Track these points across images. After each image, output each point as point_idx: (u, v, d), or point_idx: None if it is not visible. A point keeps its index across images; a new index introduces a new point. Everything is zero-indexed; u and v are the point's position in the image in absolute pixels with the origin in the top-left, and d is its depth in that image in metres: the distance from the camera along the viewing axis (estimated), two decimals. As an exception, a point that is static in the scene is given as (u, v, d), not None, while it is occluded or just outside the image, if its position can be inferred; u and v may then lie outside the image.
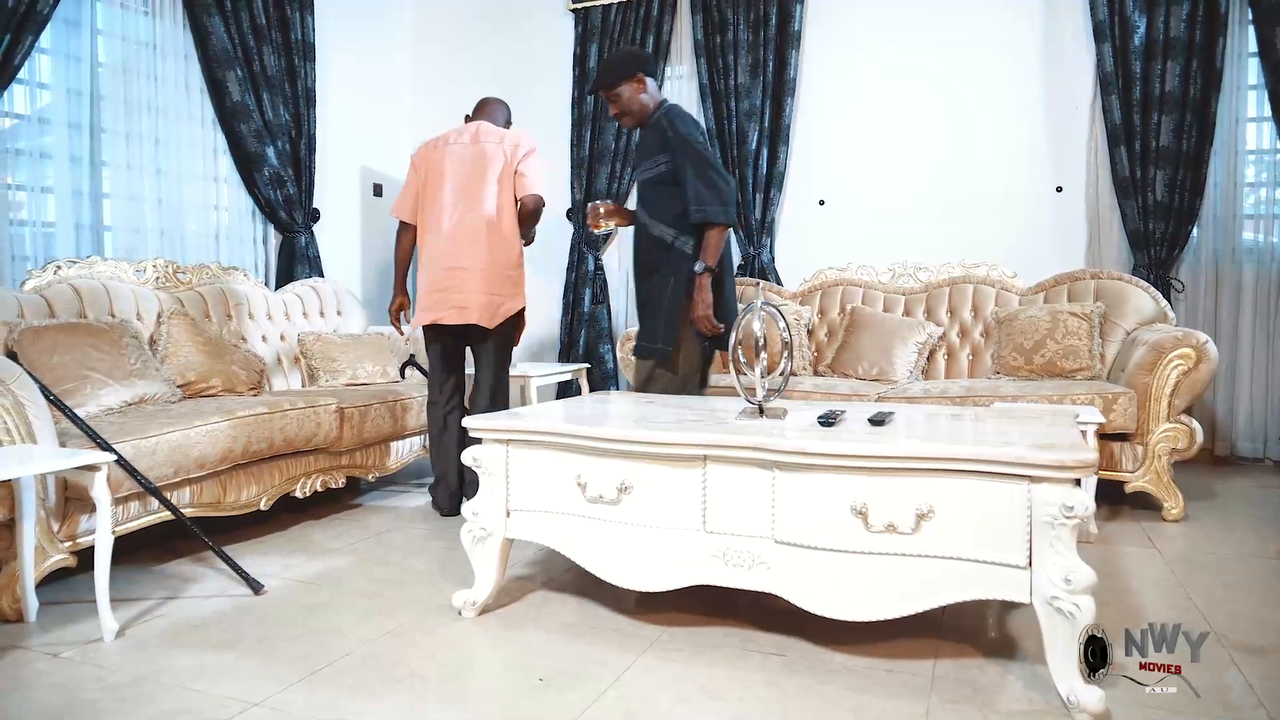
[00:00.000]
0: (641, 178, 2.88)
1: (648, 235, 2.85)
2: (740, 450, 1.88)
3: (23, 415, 2.19)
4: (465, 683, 1.83)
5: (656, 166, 2.80)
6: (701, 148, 2.76)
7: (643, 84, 2.87)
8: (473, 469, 2.17)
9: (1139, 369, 3.11)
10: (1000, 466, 1.68)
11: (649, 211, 2.84)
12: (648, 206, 2.85)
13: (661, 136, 2.79)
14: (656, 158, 2.80)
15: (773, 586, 1.89)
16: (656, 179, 2.81)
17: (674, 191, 2.76)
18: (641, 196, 2.89)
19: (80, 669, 1.88)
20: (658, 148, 2.80)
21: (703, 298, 2.74)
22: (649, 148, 2.85)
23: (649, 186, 2.84)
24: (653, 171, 2.82)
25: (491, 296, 3.07)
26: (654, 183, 2.82)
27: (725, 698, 1.72)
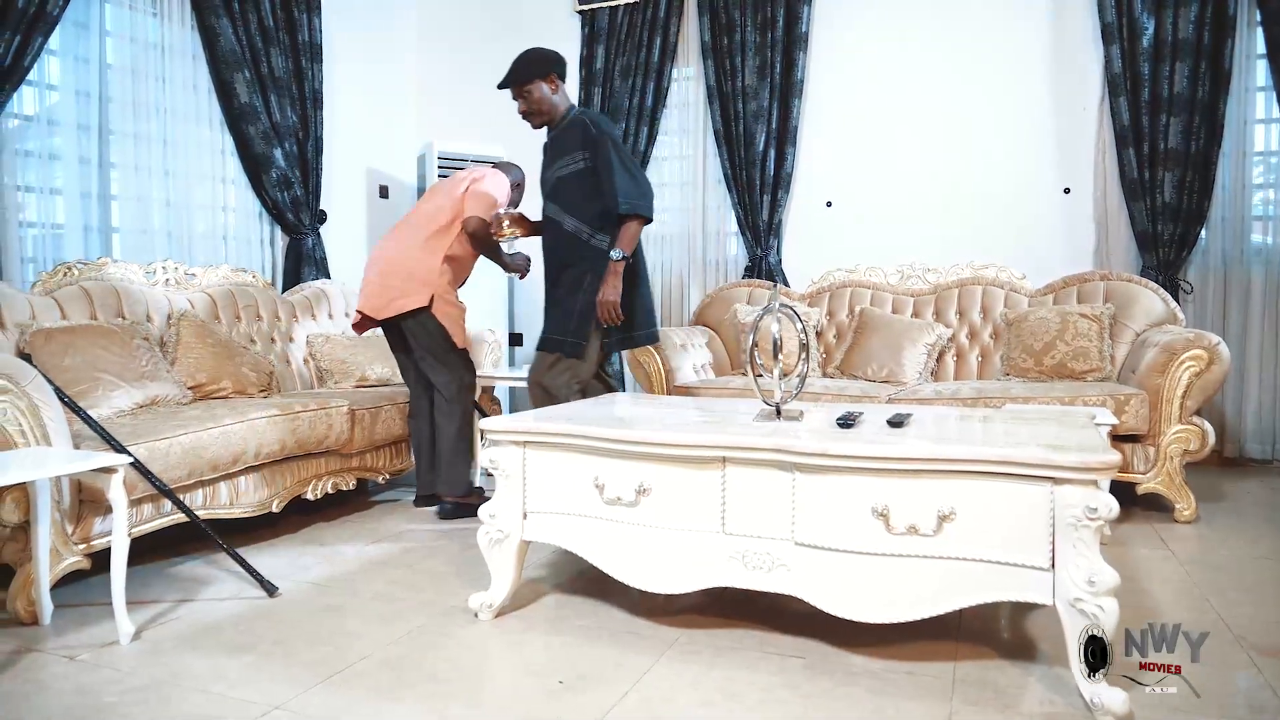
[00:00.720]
0: (558, 174, 2.91)
1: (561, 231, 2.90)
2: (761, 452, 1.88)
3: (38, 417, 2.18)
4: (485, 686, 1.82)
5: (575, 163, 2.86)
6: (623, 146, 2.86)
7: (555, 85, 2.93)
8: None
9: (1151, 370, 3.11)
10: (1023, 468, 1.68)
11: (564, 208, 2.89)
12: (562, 203, 2.90)
13: (581, 134, 2.84)
14: (575, 155, 2.85)
15: (793, 589, 1.89)
16: (573, 175, 2.86)
17: (591, 188, 2.83)
18: (555, 193, 2.92)
19: (98, 672, 1.88)
20: (577, 145, 2.85)
21: (614, 284, 2.80)
22: (566, 145, 2.89)
23: (565, 183, 2.88)
24: (570, 168, 2.87)
25: (385, 289, 3.16)
26: (571, 179, 2.87)
27: (746, 700, 1.72)
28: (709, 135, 4.82)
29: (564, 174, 2.89)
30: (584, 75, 5.01)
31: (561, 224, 2.90)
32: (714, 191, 4.86)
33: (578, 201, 2.86)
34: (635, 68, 4.85)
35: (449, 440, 3.18)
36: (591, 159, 2.82)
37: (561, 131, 2.94)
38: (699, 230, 4.91)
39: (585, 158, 2.83)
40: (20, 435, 2.15)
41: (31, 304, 2.85)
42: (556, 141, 2.95)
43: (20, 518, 2.14)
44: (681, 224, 4.97)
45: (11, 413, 2.13)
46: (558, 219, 2.91)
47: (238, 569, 2.47)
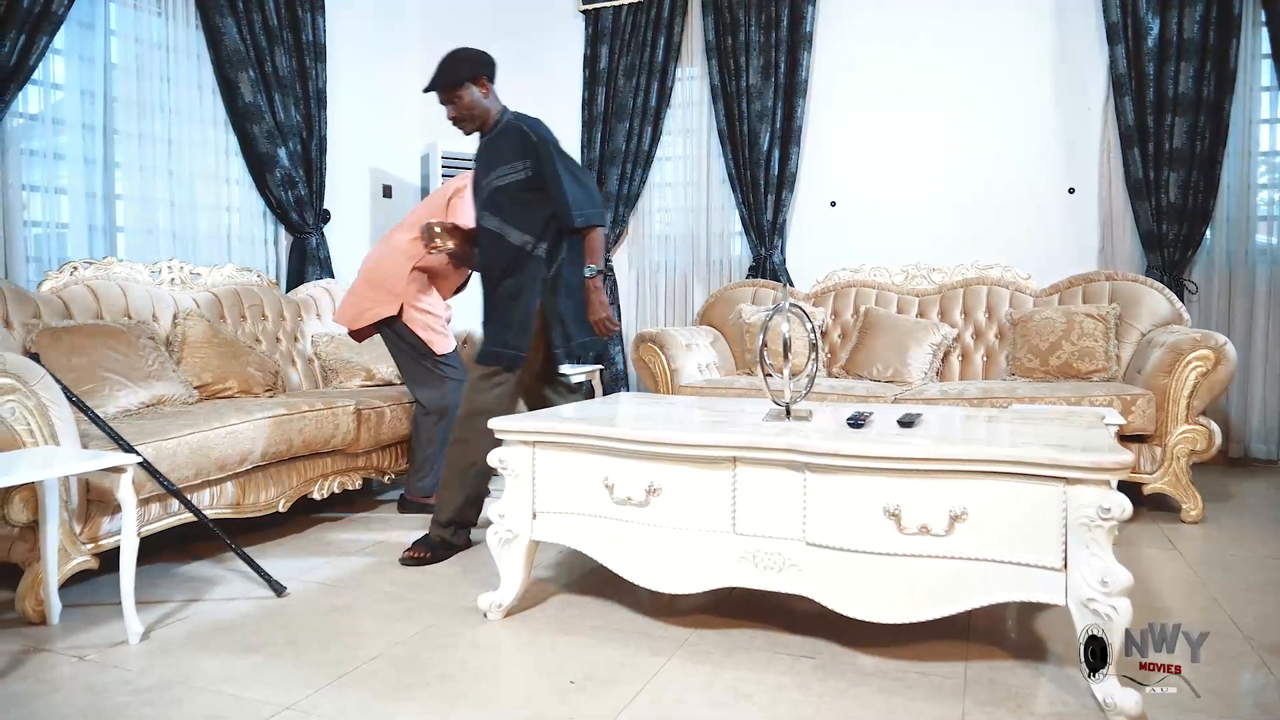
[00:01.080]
0: (495, 184, 2.71)
1: (504, 244, 2.71)
2: (773, 452, 1.87)
3: (45, 417, 2.18)
4: (496, 686, 1.82)
5: (515, 172, 2.68)
6: (565, 152, 2.72)
7: (486, 88, 2.74)
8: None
9: (1157, 370, 3.10)
10: (1036, 468, 1.68)
11: (504, 218, 2.71)
12: (502, 213, 2.71)
13: (521, 141, 2.68)
14: (515, 164, 2.68)
15: (804, 589, 1.88)
16: (514, 185, 2.68)
17: (533, 198, 2.67)
18: (493, 204, 2.72)
19: (108, 672, 1.87)
20: (516, 154, 2.68)
21: (600, 300, 2.72)
22: (504, 154, 2.71)
23: (505, 193, 2.69)
24: (510, 178, 2.68)
25: (356, 300, 3.23)
26: (511, 189, 2.68)
27: (758, 701, 1.72)
28: (713, 135, 4.82)
29: (503, 183, 2.69)
30: (588, 75, 5.01)
31: (504, 236, 2.71)
32: (718, 191, 4.86)
33: (518, 212, 2.69)
34: (639, 67, 4.85)
35: (429, 447, 3.20)
36: (534, 168, 2.65)
37: (496, 137, 2.75)
38: (703, 230, 4.91)
39: (526, 166, 2.66)
40: (29, 435, 2.14)
41: (38, 303, 2.84)
42: (492, 148, 2.75)
43: (29, 517, 2.13)
44: (685, 224, 4.97)
45: (20, 412, 2.13)
46: (499, 231, 2.71)
47: (245, 569, 2.47)
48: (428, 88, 2.75)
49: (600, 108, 4.96)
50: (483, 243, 2.78)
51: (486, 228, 2.75)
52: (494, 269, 2.75)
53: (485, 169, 2.75)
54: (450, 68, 2.71)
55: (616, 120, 4.91)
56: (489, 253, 2.76)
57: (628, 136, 4.88)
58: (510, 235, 2.71)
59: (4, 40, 3.17)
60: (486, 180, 2.74)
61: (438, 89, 2.73)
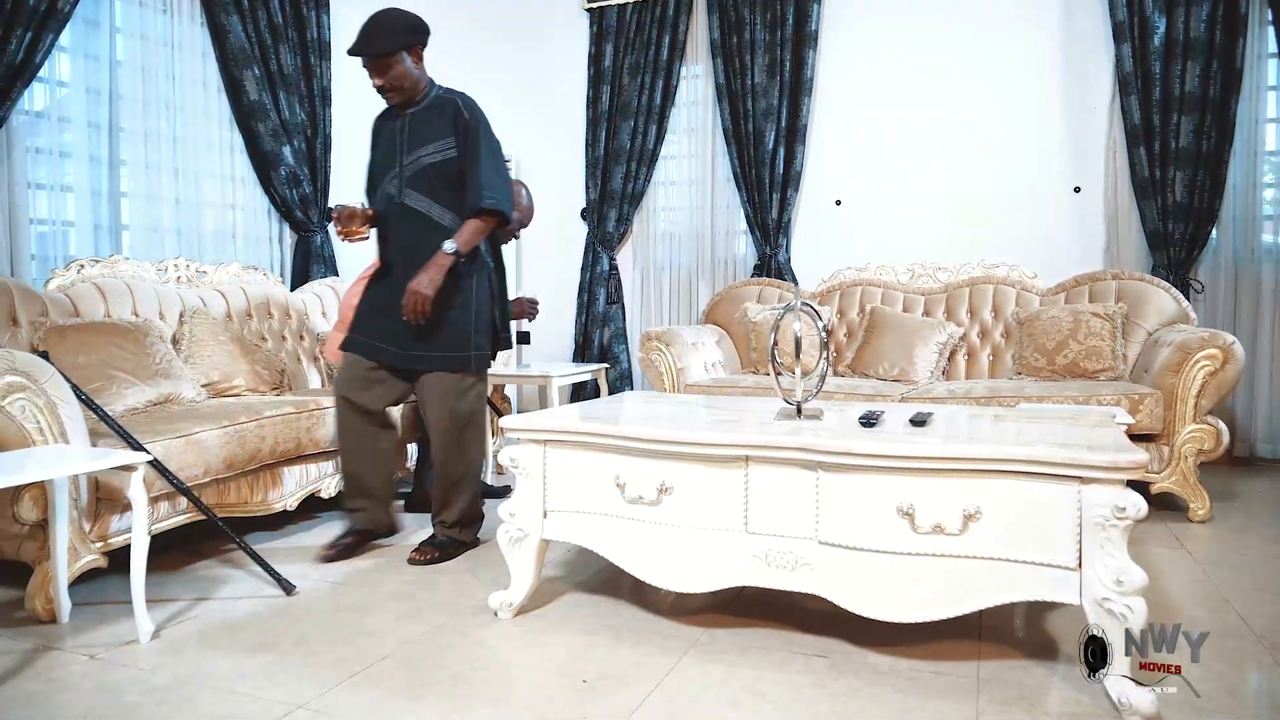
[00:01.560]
0: (426, 161, 2.55)
1: (429, 224, 2.56)
2: (786, 451, 1.87)
3: (55, 415, 2.17)
4: (510, 686, 1.82)
5: (448, 149, 2.55)
6: (496, 140, 2.60)
7: (420, 58, 2.58)
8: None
9: (1165, 370, 3.10)
10: (1051, 468, 1.68)
11: (433, 198, 2.56)
12: (431, 193, 2.56)
13: (453, 118, 2.55)
14: (446, 140, 2.54)
15: (817, 588, 1.88)
16: (447, 163, 2.55)
17: (456, 178, 2.54)
18: (422, 182, 2.56)
19: (120, 671, 1.87)
20: (448, 129, 2.54)
21: (434, 276, 2.48)
22: (434, 128, 2.55)
23: (438, 170, 2.55)
24: (440, 156, 2.55)
25: (333, 337, 3.27)
26: (444, 167, 2.55)
27: (774, 700, 1.71)
28: (718, 133, 4.81)
29: (435, 160, 2.54)
30: (592, 73, 5.01)
31: (430, 216, 2.55)
32: (722, 190, 4.86)
33: (444, 191, 2.55)
34: (644, 66, 4.85)
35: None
36: (460, 146, 2.53)
37: (425, 111, 2.58)
38: (707, 229, 4.91)
39: (454, 145, 2.53)
40: (38, 433, 2.14)
41: (45, 301, 2.84)
42: (421, 123, 2.58)
43: (38, 516, 2.13)
44: (690, 222, 4.97)
45: (30, 410, 2.13)
46: (427, 212, 2.56)
47: (254, 568, 2.46)
48: (355, 50, 2.51)
49: (605, 106, 4.96)
50: (403, 223, 2.58)
51: (411, 206, 2.57)
52: (421, 251, 2.54)
53: (412, 144, 2.58)
54: (385, 33, 2.50)
55: (621, 119, 4.90)
56: (417, 238, 2.56)
57: (632, 135, 4.88)
58: (442, 216, 2.56)
59: (10, 38, 3.16)
60: (412, 156, 2.56)
61: (368, 54, 2.50)
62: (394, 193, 2.59)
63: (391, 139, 2.63)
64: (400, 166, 2.58)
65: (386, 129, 2.67)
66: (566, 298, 5.17)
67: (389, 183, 2.61)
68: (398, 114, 2.63)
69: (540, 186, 5.27)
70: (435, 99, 2.62)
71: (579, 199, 5.14)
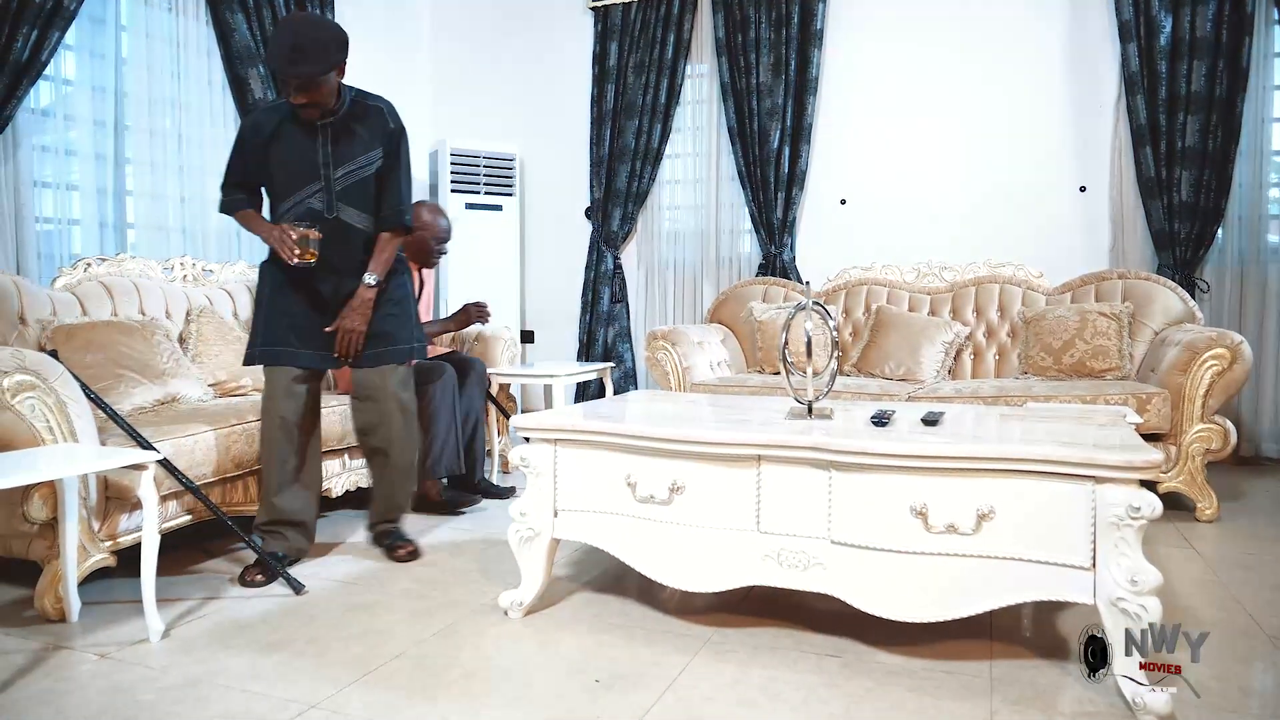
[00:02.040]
0: (359, 175, 2.48)
1: (358, 235, 2.52)
2: (799, 450, 1.87)
3: (64, 414, 2.17)
4: (522, 684, 1.82)
5: (375, 161, 2.49)
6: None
7: (343, 72, 2.43)
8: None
9: (1173, 369, 3.10)
10: (1065, 467, 1.68)
11: (363, 209, 2.51)
12: (357, 204, 2.50)
13: (381, 128, 2.49)
14: (375, 150, 2.48)
15: (829, 587, 1.88)
16: (370, 175, 2.49)
17: (376, 186, 2.51)
18: (349, 195, 2.48)
19: (131, 670, 1.87)
20: (375, 140, 2.48)
21: (366, 315, 2.50)
22: (362, 140, 2.46)
23: (361, 183, 2.48)
24: (371, 168, 2.49)
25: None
26: (369, 180, 2.49)
27: (788, 700, 1.71)
28: (722, 132, 4.81)
29: (368, 174, 2.48)
30: (597, 72, 5.00)
31: (362, 229, 2.51)
32: (727, 188, 4.85)
33: (369, 202, 2.50)
34: (648, 64, 4.84)
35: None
36: (384, 158, 2.49)
37: (345, 119, 2.46)
38: (712, 227, 4.90)
39: (380, 156, 2.48)
40: (48, 432, 2.13)
41: (53, 299, 2.83)
42: (343, 132, 2.45)
43: (48, 515, 2.13)
44: (694, 221, 4.96)
45: (39, 409, 2.12)
46: (359, 225, 2.51)
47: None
48: (286, 72, 2.29)
49: (609, 104, 4.95)
50: (330, 236, 2.45)
51: (345, 221, 2.48)
52: (346, 261, 2.50)
53: (339, 157, 2.44)
54: (317, 54, 2.29)
55: (626, 117, 4.90)
56: (341, 244, 2.48)
57: (637, 134, 4.87)
58: (366, 226, 2.52)
59: (16, 35, 3.16)
60: (342, 170, 2.45)
61: (302, 76, 2.29)
62: (322, 207, 2.45)
63: (306, 149, 2.44)
64: (328, 180, 2.45)
65: (293, 135, 2.43)
66: (571, 297, 5.17)
67: (313, 197, 2.44)
68: (304, 118, 2.41)
69: (544, 185, 5.29)
70: (353, 105, 2.49)
71: (583, 198, 5.14)
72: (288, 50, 2.28)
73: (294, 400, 2.52)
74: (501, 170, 5.05)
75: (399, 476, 2.69)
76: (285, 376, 2.51)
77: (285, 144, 2.45)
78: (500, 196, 5.05)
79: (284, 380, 2.51)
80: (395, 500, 2.72)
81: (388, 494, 2.71)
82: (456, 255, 4.93)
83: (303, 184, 2.45)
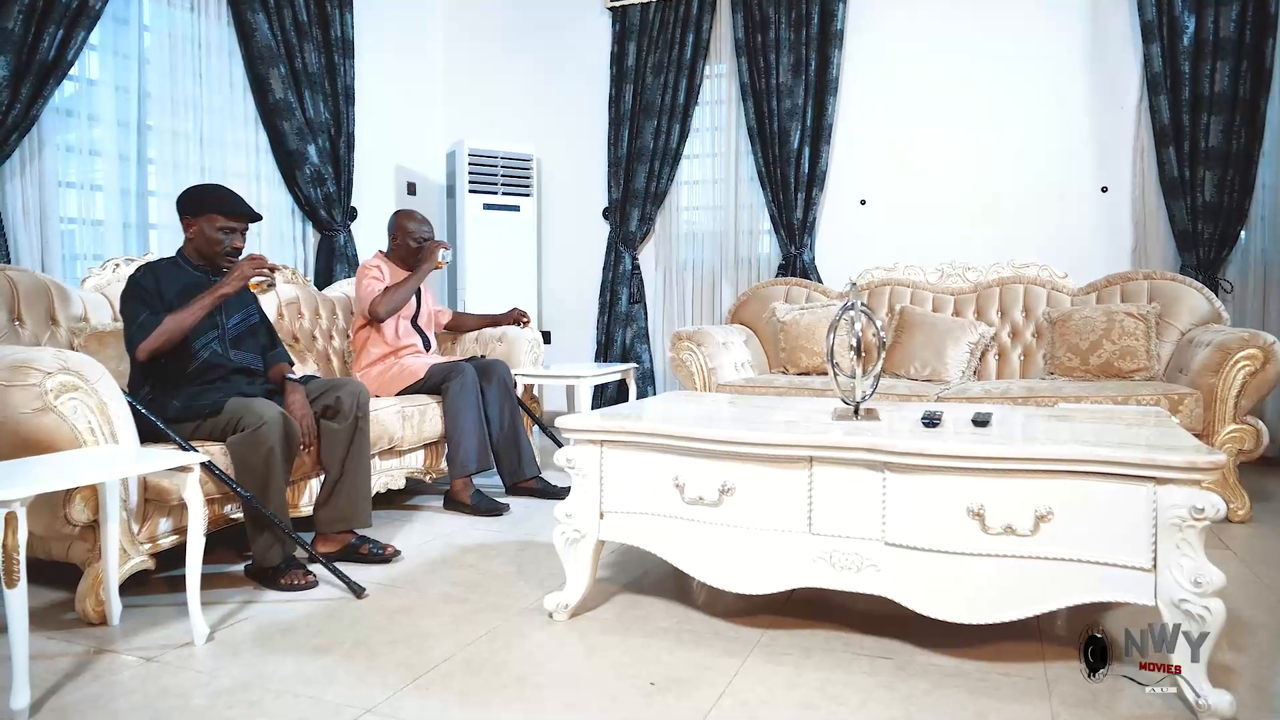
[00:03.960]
0: (248, 324, 2.70)
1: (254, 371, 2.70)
2: (852, 452, 1.86)
3: (106, 415, 2.16)
4: (577, 689, 1.80)
5: (255, 313, 2.75)
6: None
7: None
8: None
9: (1205, 370, 3.10)
10: (1126, 468, 1.67)
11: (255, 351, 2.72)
12: (255, 348, 2.72)
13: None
14: (252, 304, 2.75)
15: (883, 589, 1.87)
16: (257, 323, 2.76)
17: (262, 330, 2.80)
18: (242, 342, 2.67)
19: (181, 674, 1.85)
20: (248, 294, 2.67)
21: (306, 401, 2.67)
22: (244, 293, 2.62)
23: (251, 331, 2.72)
24: (255, 317, 2.75)
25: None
26: (255, 327, 2.74)
27: (848, 702, 1.70)
28: (741, 132, 4.80)
29: (253, 322, 2.73)
30: (615, 72, 4.99)
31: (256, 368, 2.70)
32: (746, 189, 4.85)
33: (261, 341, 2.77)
34: (667, 65, 4.83)
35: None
36: (256, 308, 2.77)
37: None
38: (730, 228, 4.89)
39: (256, 308, 2.77)
40: (90, 433, 2.12)
41: (83, 300, 2.82)
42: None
43: (89, 517, 2.11)
44: (713, 222, 4.95)
45: (82, 410, 2.11)
46: (252, 366, 2.69)
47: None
48: (248, 213, 2.62)
49: (627, 105, 4.94)
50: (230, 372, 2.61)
51: (239, 364, 2.63)
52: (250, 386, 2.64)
53: (229, 309, 2.62)
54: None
55: (644, 118, 4.89)
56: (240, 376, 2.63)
57: (655, 134, 4.86)
58: (257, 364, 2.71)
59: (43, 35, 3.15)
60: (234, 320, 2.64)
61: (258, 218, 2.68)
62: (220, 350, 2.59)
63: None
64: (223, 329, 2.60)
65: (184, 288, 2.53)
66: (588, 297, 5.15)
67: (213, 341, 2.57)
68: (193, 269, 2.59)
69: (561, 186, 5.28)
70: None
71: (601, 198, 5.13)
72: (239, 200, 2.61)
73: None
74: (519, 171, 5.03)
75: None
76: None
77: (173, 288, 2.52)
78: (518, 197, 5.03)
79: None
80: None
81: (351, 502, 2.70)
82: (474, 255, 4.93)
83: (203, 329, 2.53)
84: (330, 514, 2.62)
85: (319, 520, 2.62)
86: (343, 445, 2.62)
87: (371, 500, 2.74)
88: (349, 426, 2.62)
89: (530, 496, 3.42)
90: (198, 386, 2.52)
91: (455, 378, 3.26)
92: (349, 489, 2.63)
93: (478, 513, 3.17)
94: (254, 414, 2.37)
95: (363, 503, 2.66)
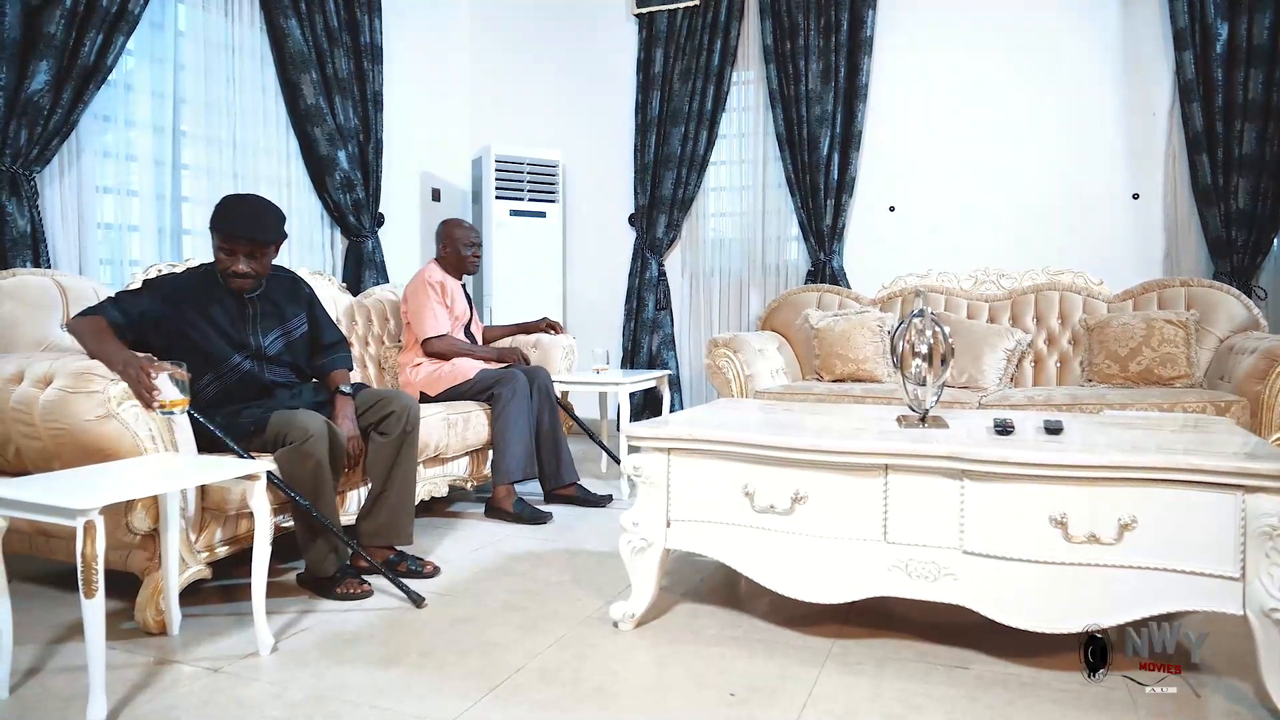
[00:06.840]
0: (289, 339, 2.60)
1: (293, 386, 2.63)
2: (929, 460, 1.85)
3: (166, 422, 2.14)
4: (658, 698, 1.78)
5: (300, 326, 2.64)
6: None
7: (277, 250, 2.56)
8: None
9: (1250, 377, 3.09)
10: (1213, 476, 1.66)
11: (294, 370, 2.62)
12: (293, 367, 2.62)
13: (300, 296, 2.67)
14: (300, 316, 2.64)
15: (961, 598, 1.85)
16: (301, 338, 2.64)
17: (309, 343, 2.68)
18: (280, 358, 2.57)
19: (251, 685, 1.83)
20: (298, 307, 2.65)
21: (355, 418, 2.64)
22: (285, 309, 2.60)
23: (293, 347, 2.61)
24: (298, 332, 2.63)
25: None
26: (299, 342, 2.63)
27: (930, 713, 1.68)
28: (769, 139, 4.80)
29: (295, 338, 2.61)
30: (641, 79, 4.99)
31: (295, 384, 2.62)
32: (774, 195, 4.84)
33: (306, 357, 2.67)
34: (694, 71, 4.83)
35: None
36: (312, 317, 2.69)
37: (268, 291, 2.57)
38: (758, 234, 4.89)
39: (309, 318, 2.67)
40: (150, 440, 2.10)
41: (129, 307, 2.79)
42: (269, 303, 2.57)
43: (149, 525, 2.09)
44: (740, 228, 4.95)
45: (143, 417, 2.09)
46: (290, 382, 2.61)
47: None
48: (246, 234, 2.40)
49: (654, 111, 4.94)
50: (264, 391, 2.54)
51: (277, 380, 2.56)
52: (286, 400, 2.58)
53: (266, 326, 2.54)
54: (273, 220, 2.47)
55: (671, 124, 4.89)
56: (277, 396, 2.56)
57: (683, 140, 4.86)
58: (299, 379, 2.65)
59: (84, 39, 3.14)
60: (270, 337, 2.54)
61: (260, 239, 2.42)
62: (255, 369, 2.51)
63: (232, 319, 2.49)
64: (259, 348, 2.52)
65: (214, 302, 2.46)
66: (614, 304, 5.14)
67: (244, 360, 2.49)
68: (226, 287, 2.47)
69: (588, 191, 5.27)
70: (271, 278, 2.59)
71: (627, 204, 5.12)
72: (247, 215, 2.42)
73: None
74: (545, 177, 5.03)
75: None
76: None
77: (203, 308, 2.45)
78: (544, 203, 5.02)
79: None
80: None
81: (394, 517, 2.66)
82: (500, 262, 4.92)
83: (232, 349, 2.47)
84: (371, 527, 2.59)
85: (360, 532, 2.60)
86: (389, 459, 2.59)
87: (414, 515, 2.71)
88: (396, 440, 2.59)
89: (569, 504, 3.40)
90: (238, 405, 2.49)
91: (508, 384, 3.25)
92: (392, 504, 2.60)
93: (521, 520, 3.15)
94: (299, 428, 2.32)
95: (405, 519, 2.61)
